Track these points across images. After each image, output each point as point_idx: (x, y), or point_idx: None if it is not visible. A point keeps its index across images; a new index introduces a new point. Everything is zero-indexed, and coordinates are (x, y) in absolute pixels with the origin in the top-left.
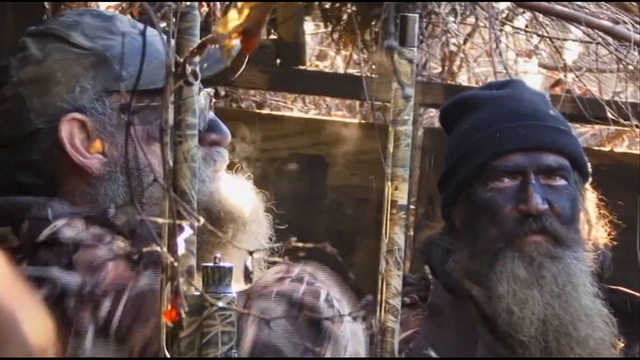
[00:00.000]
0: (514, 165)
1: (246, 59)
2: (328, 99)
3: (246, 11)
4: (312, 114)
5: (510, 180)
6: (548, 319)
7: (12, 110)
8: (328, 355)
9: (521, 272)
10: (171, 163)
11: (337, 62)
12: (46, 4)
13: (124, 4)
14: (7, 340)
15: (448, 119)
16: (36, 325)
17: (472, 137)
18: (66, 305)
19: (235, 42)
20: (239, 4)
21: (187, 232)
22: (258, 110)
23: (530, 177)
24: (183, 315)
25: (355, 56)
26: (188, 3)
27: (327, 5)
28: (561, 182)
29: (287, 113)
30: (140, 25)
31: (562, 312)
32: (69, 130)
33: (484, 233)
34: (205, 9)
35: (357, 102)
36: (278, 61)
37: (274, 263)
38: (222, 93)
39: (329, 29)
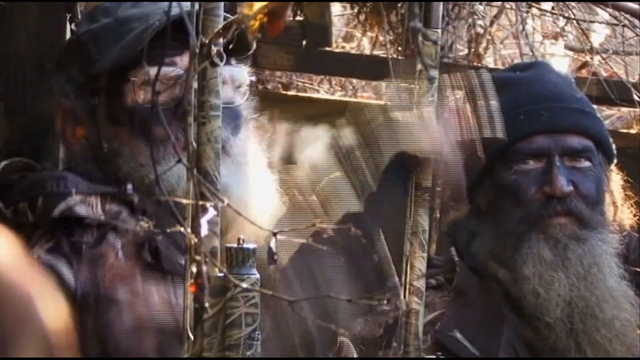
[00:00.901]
0: (538, 148)
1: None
2: (354, 80)
3: None
4: (338, 96)
5: (535, 162)
6: (574, 301)
7: None
8: None
9: (546, 253)
10: (195, 144)
11: (363, 44)
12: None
13: None
14: (23, 324)
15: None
16: (51, 308)
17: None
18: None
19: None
20: None
21: (211, 213)
22: (284, 92)
23: (554, 159)
24: (206, 296)
25: (381, 38)
26: None
27: None
28: (586, 163)
29: (314, 95)
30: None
31: (587, 294)
32: (61, 119)
33: (509, 215)
34: None
35: (383, 84)
36: (304, 42)
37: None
38: None
39: (355, 10)
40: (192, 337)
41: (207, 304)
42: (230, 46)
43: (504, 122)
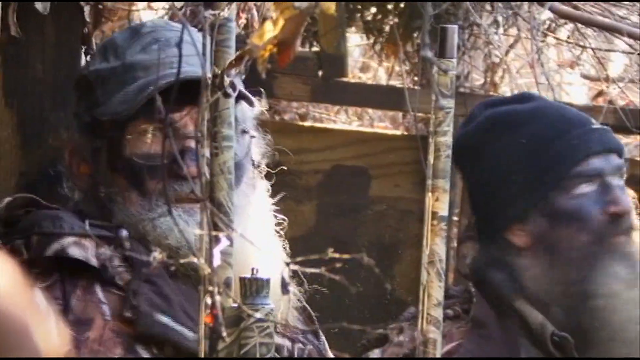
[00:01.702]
0: (594, 170)
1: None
2: (371, 110)
3: (281, 23)
4: (355, 126)
5: (589, 185)
6: None
7: None
8: None
9: (622, 271)
10: (208, 175)
11: (379, 74)
12: (87, 17)
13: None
14: (18, 350)
15: (484, 138)
16: (47, 336)
17: (539, 150)
18: None
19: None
20: (274, 15)
21: (224, 243)
22: (301, 123)
23: (607, 179)
24: (221, 326)
25: (397, 68)
26: (225, 15)
27: (369, 17)
28: (622, 181)
29: (330, 125)
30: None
31: None
32: (69, 152)
33: (575, 240)
34: (242, 20)
35: (400, 114)
36: (320, 73)
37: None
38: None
39: (371, 40)
40: None
41: (224, 334)
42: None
43: (556, 150)
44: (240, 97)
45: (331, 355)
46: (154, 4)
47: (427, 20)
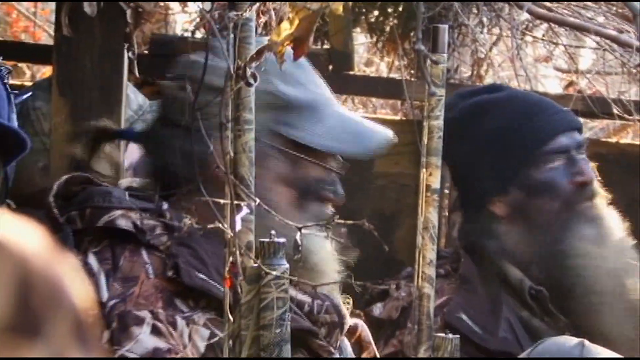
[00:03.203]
0: (561, 146)
1: None
2: (374, 99)
3: (296, 21)
4: (360, 113)
5: (558, 160)
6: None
7: None
8: None
9: (589, 231)
10: (232, 153)
11: (381, 68)
12: (128, 19)
13: (197, 22)
14: (55, 304)
15: (463, 123)
16: (79, 289)
17: (515, 131)
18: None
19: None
20: (290, 15)
21: (245, 211)
22: None
23: (573, 154)
24: (239, 282)
25: (396, 62)
26: (246, 16)
27: (373, 19)
28: (584, 154)
29: None
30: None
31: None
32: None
33: (545, 209)
34: (262, 20)
35: (399, 102)
36: (330, 67)
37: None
38: None
39: (374, 39)
40: (231, 318)
41: (240, 290)
42: None
43: (528, 130)
44: None
45: (344, 309)
46: (187, 8)
47: (420, 18)
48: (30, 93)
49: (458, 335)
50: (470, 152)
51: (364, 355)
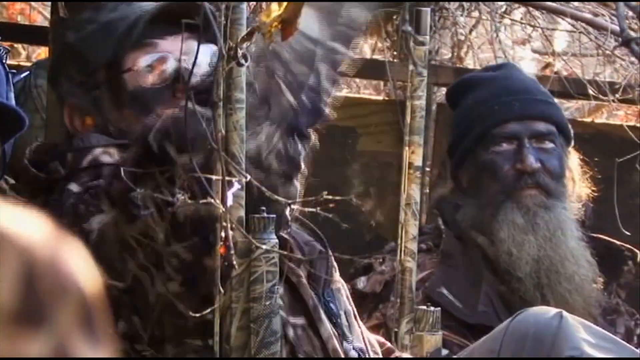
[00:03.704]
0: (511, 132)
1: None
2: (357, 80)
3: (285, 3)
4: (344, 92)
5: (508, 145)
6: (541, 259)
7: None
8: None
9: (519, 219)
10: (223, 131)
11: (364, 49)
12: None
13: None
14: (62, 292)
15: (453, 96)
16: (86, 275)
17: (476, 110)
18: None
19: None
20: None
21: (236, 187)
22: None
23: (524, 141)
24: (233, 255)
25: (379, 44)
26: None
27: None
28: (550, 145)
29: None
30: None
31: (552, 253)
32: (69, 115)
33: (487, 189)
34: (252, 3)
35: (382, 83)
36: None
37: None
38: None
39: None
40: (222, 290)
41: (234, 262)
42: None
43: (483, 112)
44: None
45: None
46: None
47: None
48: (27, 72)
49: (439, 308)
50: (451, 125)
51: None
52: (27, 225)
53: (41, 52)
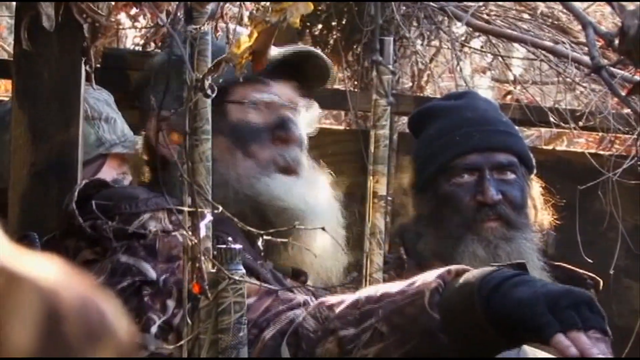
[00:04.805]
0: (472, 163)
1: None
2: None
3: (255, 35)
4: None
5: (469, 176)
6: None
7: None
8: None
9: (480, 252)
10: (190, 163)
11: None
12: (85, 34)
13: (149, 34)
14: (94, 335)
15: (416, 125)
16: (116, 316)
17: (437, 140)
18: (142, 295)
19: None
20: (250, 28)
21: (208, 218)
22: None
23: (485, 173)
24: (206, 287)
25: (340, 74)
26: (204, 29)
27: (317, 32)
28: (511, 176)
29: None
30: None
31: None
32: (156, 126)
33: (449, 220)
34: (220, 33)
35: (342, 112)
36: None
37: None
38: None
39: (318, 50)
40: (190, 322)
41: (207, 294)
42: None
43: (444, 143)
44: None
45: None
46: (137, 23)
47: (377, 28)
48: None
49: None
50: (414, 154)
51: None
52: (48, 270)
53: (4, 84)
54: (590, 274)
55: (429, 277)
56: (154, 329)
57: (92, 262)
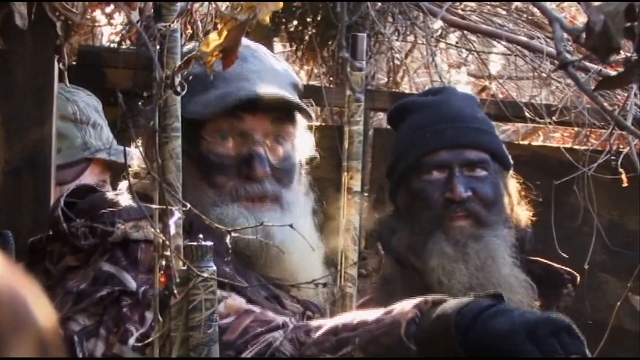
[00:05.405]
0: (441, 161)
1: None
2: None
3: (225, 32)
4: None
5: (439, 173)
6: (473, 287)
7: None
8: None
9: (448, 249)
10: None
11: (301, 75)
12: (59, 31)
13: (124, 32)
14: (19, 324)
15: (393, 120)
16: (43, 310)
17: (410, 137)
18: (121, 305)
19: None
20: (219, 26)
21: (177, 216)
22: None
23: (454, 170)
24: (175, 284)
25: (315, 70)
26: (173, 27)
27: (292, 28)
28: (482, 172)
29: None
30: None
31: (485, 282)
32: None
33: (419, 217)
34: (189, 31)
35: (318, 108)
36: None
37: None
38: None
39: (294, 48)
40: (160, 319)
41: (175, 292)
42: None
43: (415, 139)
44: (297, 108)
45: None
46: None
47: (343, 26)
48: None
49: None
50: (391, 149)
51: None
52: None
53: None
54: (567, 269)
55: (406, 306)
56: (131, 341)
57: (75, 269)
